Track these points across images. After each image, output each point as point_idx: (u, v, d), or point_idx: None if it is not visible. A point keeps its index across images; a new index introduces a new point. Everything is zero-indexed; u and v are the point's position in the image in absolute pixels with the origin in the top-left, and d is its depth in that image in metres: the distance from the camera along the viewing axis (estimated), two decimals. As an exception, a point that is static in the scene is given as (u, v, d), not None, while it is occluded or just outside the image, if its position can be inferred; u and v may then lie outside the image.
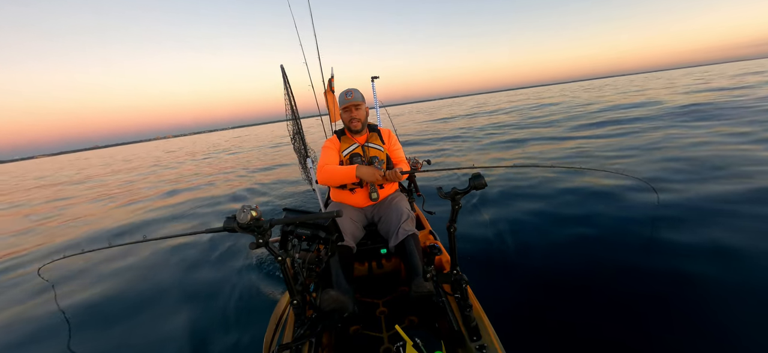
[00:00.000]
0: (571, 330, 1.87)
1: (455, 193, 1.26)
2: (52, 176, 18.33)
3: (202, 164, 13.23)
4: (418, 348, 1.31)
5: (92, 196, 8.83)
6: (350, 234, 1.76)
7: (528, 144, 7.57)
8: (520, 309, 2.09)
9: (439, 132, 12.79)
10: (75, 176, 16.52)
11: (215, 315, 2.38)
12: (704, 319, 1.85)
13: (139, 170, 14.45)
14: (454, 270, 1.37)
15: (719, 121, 7.20)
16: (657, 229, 2.82)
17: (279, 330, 1.49)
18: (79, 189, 10.79)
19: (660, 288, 2.13)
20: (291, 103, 2.89)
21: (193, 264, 3.25)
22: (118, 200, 7.61)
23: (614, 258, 2.51)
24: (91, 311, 2.64)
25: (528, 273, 2.45)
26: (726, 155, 4.62)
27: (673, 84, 23.96)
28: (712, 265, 2.25)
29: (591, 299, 2.12)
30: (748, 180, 3.57)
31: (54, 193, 10.64)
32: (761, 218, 2.74)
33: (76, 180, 14.07)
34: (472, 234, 3.14)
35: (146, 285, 2.97)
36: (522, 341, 1.81)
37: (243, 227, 1.09)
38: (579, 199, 3.68)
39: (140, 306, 2.64)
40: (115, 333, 2.34)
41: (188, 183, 8.67)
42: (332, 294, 1.44)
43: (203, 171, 10.88)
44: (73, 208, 7.40)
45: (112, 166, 20.22)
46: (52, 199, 9.32)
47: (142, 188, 9.07)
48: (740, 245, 2.41)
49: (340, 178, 1.85)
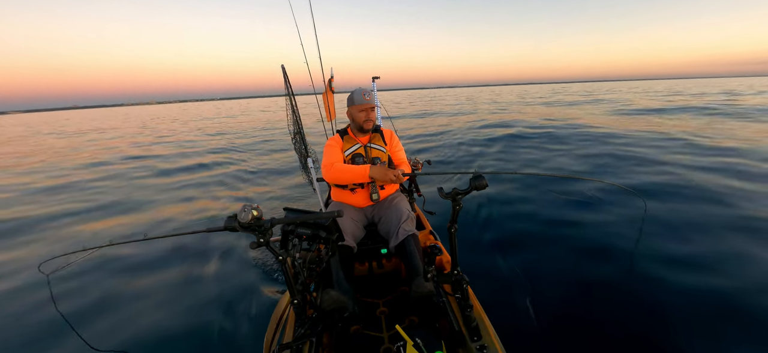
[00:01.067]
0: (573, 331, 1.88)
1: (456, 193, 1.26)
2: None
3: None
4: (419, 348, 1.31)
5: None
6: (351, 234, 1.75)
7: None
8: (520, 309, 2.09)
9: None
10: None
11: (216, 314, 2.38)
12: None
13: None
14: (455, 270, 1.37)
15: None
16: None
17: (279, 329, 1.49)
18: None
19: (659, 292, 2.13)
20: (292, 103, 2.89)
21: (194, 263, 3.25)
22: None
23: (616, 262, 2.52)
24: (89, 309, 2.64)
25: (530, 276, 2.45)
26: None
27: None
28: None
29: (593, 299, 2.13)
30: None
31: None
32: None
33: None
34: (472, 234, 3.14)
35: (145, 284, 2.96)
36: (523, 341, 1.81)
37: (244, 226, 1.09)
38: (582, 204, 3.69)
39: (139, 305, 2.64)
40: (113, 331, 2.34)
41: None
42: (333, 293, 1.44)
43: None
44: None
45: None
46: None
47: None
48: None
49: (350, 177, 1.81)
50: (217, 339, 2.13)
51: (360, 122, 1.93)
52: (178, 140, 13.13)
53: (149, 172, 7.53)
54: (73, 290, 2.99)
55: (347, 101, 1.96)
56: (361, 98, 1.88)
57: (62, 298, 2.82)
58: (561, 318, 1.99)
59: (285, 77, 2.79)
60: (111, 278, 3.16)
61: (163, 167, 7.98)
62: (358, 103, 1.89)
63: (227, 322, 2.29)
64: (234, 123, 19.50)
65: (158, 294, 2.79)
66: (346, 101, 1.98)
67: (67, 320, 1.53)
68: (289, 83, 2.81)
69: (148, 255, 3.53)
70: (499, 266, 2.62)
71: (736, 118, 10.21)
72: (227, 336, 2.14)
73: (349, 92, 1.98)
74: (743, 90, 26.21)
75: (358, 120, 1.93)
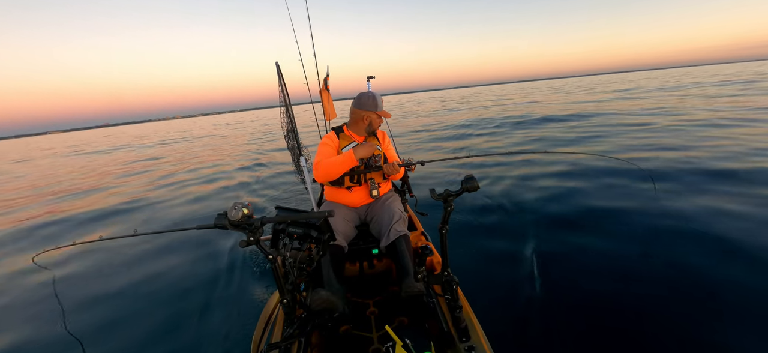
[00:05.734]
0: (560, 331, 1.90)
1: (448, 195, 1.27)
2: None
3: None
4: (408, 348, 1.32)
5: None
6: (342, 234, 1.75)
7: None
8: (509, 309, 2.12)
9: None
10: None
11: (202, 313, 2.36)
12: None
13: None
14: (445, 271, 1.38)
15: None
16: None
17: (268, 329, 1.48)
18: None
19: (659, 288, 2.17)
20: (286, 100, 2.87)
21: (181, 261, 3.21)
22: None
23: (608, 257, 2.56)
24: (76, 303, 2.59)
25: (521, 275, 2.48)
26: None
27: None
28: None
29: (585, 299, 2.16)
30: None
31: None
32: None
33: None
34: (463, 232, 3.17)
35: (133, 281, 2.92)
36: (511, 342, 1.83)
37: (234, 224, 1.08)
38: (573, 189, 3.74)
39: (126, 303, 2.60)
40: (99, 327, 2.30)
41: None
42: (323, 293, 1.44)
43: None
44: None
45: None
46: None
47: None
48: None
49: (339, 167, 1.78)
50: (203, 338, 2.10)
51: (375, 127, 1.98)
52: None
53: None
54: (63, 283, 2.95)
55: (361, 103, 1.91)
56: (378, 103, 1.91)
57: (52, 289, 2.80)
58: (550, 318, 2.01)
59: (279, 75, 2.77)
60: (98, 272, 3.11)
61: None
62: (372, 108, 1.90)
63: (215, 321, 2.27)
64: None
65: (143, 291, 2.75)
66: (349, 100, 1.96)
67: (63, 311, 1.53)
68: (283, 81, 2.79)
69: (138, 252, 3.49)
70: (491, 265, 2.65)
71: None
72: (214, 335, 2.11)
73: (360, 94, 1.94)
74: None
75: (375, 124, 1.96)
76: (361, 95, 1.94)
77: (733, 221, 2.90)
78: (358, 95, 1.96)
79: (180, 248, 3.46)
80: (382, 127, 2.10)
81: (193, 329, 2.20)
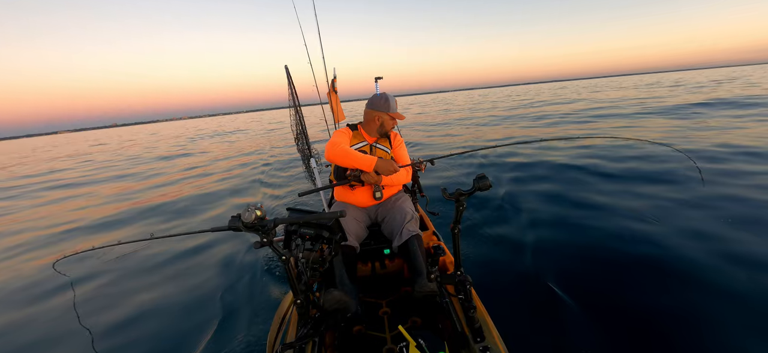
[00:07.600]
0: (578, 333, 1.86)
1: (459, 194, 1.25)
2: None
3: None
4: (421, 348, 1.31)
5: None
6: (354, 234, 1.75)
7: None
8: (524, 310, 2.08)
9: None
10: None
11: (219, 313, 2.39)
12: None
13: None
14: (458, 271, 1.36)
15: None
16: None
17: (282, 329, 1.50)
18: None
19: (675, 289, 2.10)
20: (295, 102, 2.90)
21: (197, 262, 3.27)
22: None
23: (620, 252, 2.49)
24: (95, 306, 2.67)
25: (534, 272, 2.43)
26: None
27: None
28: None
29: (599, 296, 2.10)
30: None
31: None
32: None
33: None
34: (475, 231, 3.13)
35: (150, 283, 2.99)
36: (527, 343, 1.80)
37: (247, 226, 1.09)
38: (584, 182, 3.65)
39: (143, 303, 2.66)
40: (118, 328, 2.36)
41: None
42: (335, 293, 1.44)
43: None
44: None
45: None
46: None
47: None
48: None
49: (354, 161, 1.77)
50: (220, 338, 2.14)
51: (388, 129, 1.98)
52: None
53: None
54: (83, 287, 3.04)
55: (376, 105, 1.93)
56: (395, 106, 1.94)
57: (71, 294, 2.88)
58: (567, 319, 1.96)
59: (288, 78, 2.80)
60: (119, 276, 3.20)
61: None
62: (393, 111, 1.93)
63: (230, 321, 2.30)
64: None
65: (163, 292, 2.81)
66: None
67: (78, 315, 1.58)
68: (292, 84, 2.82)
69: (155, 254, 3.57)
70: (503, 262, 2.61)
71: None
72: (230, 336, 2.14)
73: (375, 95, 1.97)
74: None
75: (387, 126, 1.96)
76: (375, 96, 1.97)
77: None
78: (371, 96, 1.99)
79: (193, 251, 3.53)
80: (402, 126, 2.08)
81: (208, 330, 2.24)
